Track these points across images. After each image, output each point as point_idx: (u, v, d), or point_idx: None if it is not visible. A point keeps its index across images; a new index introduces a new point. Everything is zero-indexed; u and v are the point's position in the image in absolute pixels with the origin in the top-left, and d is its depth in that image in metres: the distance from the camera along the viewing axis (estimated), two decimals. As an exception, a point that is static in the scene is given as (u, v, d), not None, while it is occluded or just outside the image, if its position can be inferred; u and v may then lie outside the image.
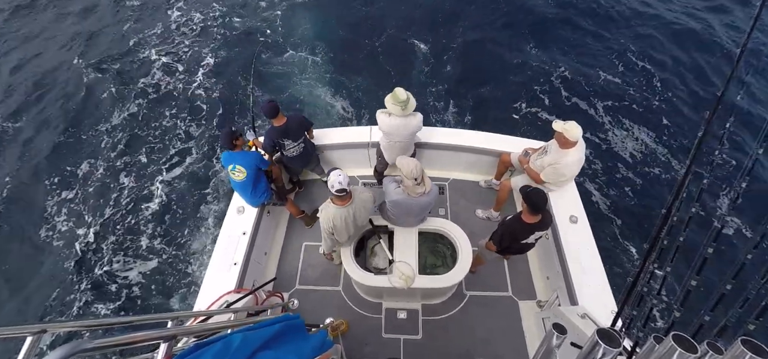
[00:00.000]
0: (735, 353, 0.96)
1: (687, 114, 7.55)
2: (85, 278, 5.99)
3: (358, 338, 3.79)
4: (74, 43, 10.11)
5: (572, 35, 9.29)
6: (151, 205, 6.79)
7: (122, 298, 5.78)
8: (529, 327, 3.81)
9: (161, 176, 7.17)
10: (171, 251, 6.23)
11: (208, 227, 6.44)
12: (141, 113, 8.23)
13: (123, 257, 6.20)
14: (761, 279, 1.52)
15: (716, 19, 9.67)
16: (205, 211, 6.66)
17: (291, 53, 9.24)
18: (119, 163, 7.39)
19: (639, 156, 7.00)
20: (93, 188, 7.06)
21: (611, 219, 6.19)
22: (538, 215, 3.11)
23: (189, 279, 5.90)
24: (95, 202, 6.86)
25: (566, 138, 3.55)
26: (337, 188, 3.01)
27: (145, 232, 6.47)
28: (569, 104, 7.86)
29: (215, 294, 3.43)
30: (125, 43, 9.85)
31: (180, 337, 1.85)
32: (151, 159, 7.43)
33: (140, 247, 6.31)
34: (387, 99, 3.82)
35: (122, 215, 6.68)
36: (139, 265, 6.11)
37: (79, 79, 9.03)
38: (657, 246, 1.81)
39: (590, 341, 1.09)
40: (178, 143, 7.66)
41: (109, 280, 5.96)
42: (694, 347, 0.99)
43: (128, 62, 9.38)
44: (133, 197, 6.90)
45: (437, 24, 9.66)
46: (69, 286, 5.92)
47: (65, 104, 8.59)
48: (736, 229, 5.19)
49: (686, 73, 8.36)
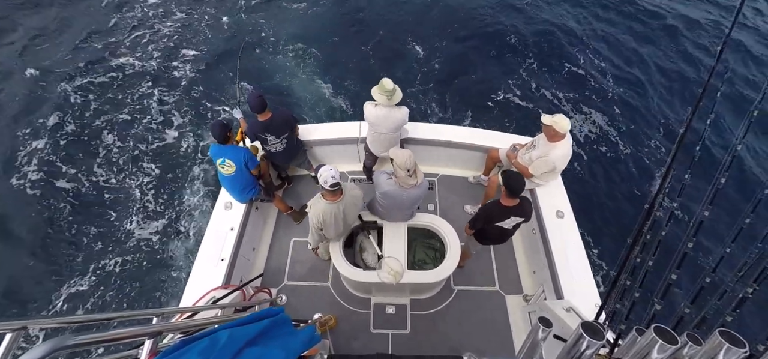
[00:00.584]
0: (713, 344, 0.99)
1: (669, 111, 7.72)
2: (68, 273, 5.86)
3: (347, 333, 3.80)
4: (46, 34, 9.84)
5: (559, 34, 9.39)
6: (136, 200, 6.66)
7: (106, 294, 5.68)
8: (516, 321, 3.86)
9: (145, 168, 7.04)
10: (156, 247, 6.13)
11: (195, 223, 6.36)
12: (123, 103, 8.06)
13: (107, 252, 6.08)
14: (738, 272, 1.56)
15: (701, 14, 9.90)
16: (192, 206, 6.57)
17: (279, 46, 9.16)
18: (100, 154, 7.23)
19: (623, 152, 7.13)
20: (76, 181, 6.89)
21: (596, 214, 6.30)
22: (516, 199, 3.20)
23: (175, 275, 5.82)
24: (78, 195, 6.70)
25: (555, 131, 3.59)
26: (330, 183, 2.98)
27: (131, 227, 6.35)
28: (555, 100, 7.97)
29: (202, 290, 3.40)
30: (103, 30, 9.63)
31: (165, 333, 1.83)
32: (133, 152, 7.28)
33: (126, 242, 6.19)
34: (374, 89, 3.81)
35: (106, 209, 6.54)
36: (124, 261, 5.99)
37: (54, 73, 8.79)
38: (640, 241, 1.85)
39: (575, 334, 1.11)
40: (163, 134, 7.52)
41: (92, 276, 5.84)
42: (674, 338, 1.02)
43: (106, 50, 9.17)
44: (117, 191, 6.76)
45: (427, 23, 9.67)
46: (51, 281, 5.79)
47: (41, 95, 8.35)
48: (715, 223, 5.34)
49: (672, 67, 8.54)
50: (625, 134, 7.37)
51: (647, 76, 8.40)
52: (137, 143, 7.43)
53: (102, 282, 5.80)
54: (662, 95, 8.07)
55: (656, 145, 7.20)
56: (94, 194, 6.76)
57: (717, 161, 1.73)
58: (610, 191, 6.60)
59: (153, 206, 6.58)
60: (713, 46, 9.01)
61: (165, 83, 8.49)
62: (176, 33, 9.67)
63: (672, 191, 1.88)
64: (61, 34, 9.71)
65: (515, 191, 3.14)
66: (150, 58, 9.04)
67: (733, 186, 6.30)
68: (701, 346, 1.03)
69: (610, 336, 1.52)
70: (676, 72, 8.49)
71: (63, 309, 5.53)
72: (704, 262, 1.67)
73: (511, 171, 3.24)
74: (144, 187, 6.83)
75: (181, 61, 8.95)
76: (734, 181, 6.29)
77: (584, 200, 6.43)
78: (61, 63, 8.88)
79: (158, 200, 6.66)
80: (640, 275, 1.81)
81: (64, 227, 6.36)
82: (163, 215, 6.48)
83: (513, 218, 3.31)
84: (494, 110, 7.76)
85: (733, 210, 5.53)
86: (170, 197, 6.70)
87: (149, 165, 7.11)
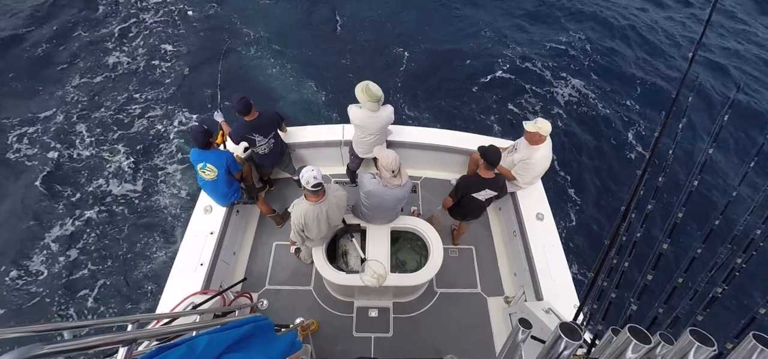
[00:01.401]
0: (683, 343, 1.02)
1: (647, 111, 7.96)
2: (37, 279, 5.64)
3: (329, 337, 3.77)
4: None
5: (540, 34, 9.59)
6: (111, 201, 6.47)
7: (78, 301, 5.48)
8: (497, 323, 3.90)
9: (121, 170, 6.85)
10: (132, 251, 5.96)
11: (174, 227, 6.21)
12: (101, 100, 7.83)
13: (80, 256, 5.87)
14: (709, 272, 1.62)
15: (679, 13, 10.28)
16: (170, 210, 6.41)
17: (260, 49, 9.06)
18: (72, 155, 7.01)
19: (600, 156, 7.31)
20: (47, 183, 6.65)
21: (574, 215, 6.44)
22: (493, 171, 3.50)
23: (152, 280, 5.66)
24: (48, 199, 6.47)
25: (540, 135, 3.65)
26: (312, 183, 2.94)
27: (105, 230, 6.17)
28: (533, 101, 8.13)
29: (180, 296, 3.32)
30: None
31: (141, 341, 1.78)
32: (108, 153, 7.09)
33: (99, 246, 6.00)
34: (358, 92, 3.73)
35: (80, 212, 6.33)
36: (97, 265, 5.81)
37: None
38: (616, 242, 1.89)
39: (553, 335, 1.13)
40: (139, 136, 7.34)
41: (64, 282, 5.64)
42: (648, 338, 1.04)
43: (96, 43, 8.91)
44: (93, 192, 6.55)
45: (406, 25, 9.73)
46: (19, 288, 5.56)
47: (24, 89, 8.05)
48: (688, 225, 5.53)
49: (646, 67, 8.82)
50: (601, 136, 7.56)
51: (624, 78, 8.66)
52: (112, 142, 7.23)
53: (74, 287, 5.60)
54: (639, 97, 8.31)
55: (632, 148, 7.41)
56: (64, 193, 6.54)
57: (690, 163, 1.79)
58: (588, 192, 6.75)
59: (126, 210, 6.40)
60: (686, 47, 9.36)
61: (144, 85, 8.29)
62: (155, 34, 9.47)
63: (646, 194, 1.93)
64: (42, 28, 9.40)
65: (493, 163, 3.42)
66: (133, 58, 8.82)
67: (705, 189, 6.55)
68: (673, 345, 1.06)
69: (588, 337, 1.55)
70: (651, 74, 8.77)
71: (32, 317, 5.31)
72: (678, 263, 1.73)
73: (487, 145, 3.51)
74: (117, 190, 6.64)
75: (161, 63, 8.77)
76: (706, 184, 6.53)
77: (564, 203, 6.57)
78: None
79: (133, 204, 6.48)
80: (617, 276, 1.86)
81: (39, 229, 6.13)
82: (138, 218, 6.31)
83: (487, 190, 3.56)
84: (476, 113, 7.85)
85: (704, 212, 5.77)
86: (147, 200, 6.53)
87: (125, 164, 6.92)
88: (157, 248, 6.00)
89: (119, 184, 6.71)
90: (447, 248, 4.13)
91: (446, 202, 3.81)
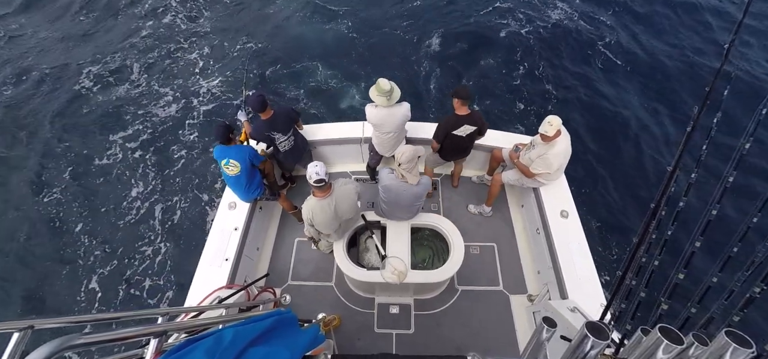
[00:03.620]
0: (719, 344, 0.97)
1: (677, 106, 7.64)
2: (73, 274, 5.92)
3: (351, 333, 3.80)
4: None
5: (562, 32, 9.34)
6: (142, 201, 6.71)
7: (112, 294, 5.72)
8: (520, 321, 3.85)
9: (150, 171, 7.09)
10: (162, 247, 6.17)
11: (200, 223, 6.39)
12: (125, 107, 8.12)
13: (112, 253, 6.12)
14: (746, 272, 1.54)
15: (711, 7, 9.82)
16: (197, 206, 6.60)
17: (290, 53, 9.19)
18: (104, 155, 7.30)
19: (629, 149, 7.07)
20: (81, 183, 6.96)
21: (601, 213, 6.26)
22: (466, 107, 3.81)
23: (180, 275, 5.85)
24: (83, 197, 6.76)
25: (557, 134, 3.61)
26: (315, 179, 3.10)
27: (136, 227, 6.40)
28: (558, 97, 7.92)
29: (206, 290, 3.41)
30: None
31: (170, 333, 1.84)
32: (138, 154, 7.34)
33: (131, 243, 6.23)
34: (371, 91, 3.83)
35: (112, 210, 6.60)
36: (130, 261, 6.04)
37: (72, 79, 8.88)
38: (646, 240, 1.83)
39: (579, 334, 1.10)
40: (168, 136, 7.57)
41: (98, 276, 5.89)
42: (680, 339, 1.01)
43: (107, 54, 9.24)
44: (123, 193, 6.81)
45: (431, 21, 9.65)
46: (57, 282, 5.84)
47: (55, 99, 8.44)
48: (723, 222, 5.24)
49: (676, 64, 8.45)
50: (631, 130, 7.31)
51: (655, 71, 8.32)
52: (141, 146, 7.48)
53: (108, 282, 5.85)
54: (671, 90, 7.98)
55: (664, 142, 7.13)
56: (99, 195, 6.82)
57: (725, 158, 1.71)
58: (615, 190, 6.55)
59: (157, 209, 6.62)
60: (723, 38, 8.91)
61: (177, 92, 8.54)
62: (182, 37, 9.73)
63: (678, 190, 1.86)
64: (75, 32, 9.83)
65: (463, 97, 3.75)
66: (151, 68, 9.10)
67: (741, 184, 6.24)
68: (707, 346, 1.01)
69: (616, 336, 1.51)
70: (684, 66, 8.40)
71: (70, 308, 5.58)
72: (712, 262, 1.66)
73: (458, 86, 3.78)
74: (146, 188, 6.88)
75: (192, 66, 9.01)
76: (742, 179, 6.23)
77: (589, 200, 6.39)
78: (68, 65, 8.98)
79: (161, 202, 6.70)
80: (646, 274, 1.80)
81: (71, 226, 6.42)
82: (167, 216, 6.52)
83: (466, 126, 3.84)
84: (498, 110, 7.73)
85: (741, 209, 5.49)
86: (173, 198, 6.73)
87: (152, 165, 7.16)
88: (184, 243, 6.18)
89: (144, 183, 6.94)
90: (468, 246, 4.10)
91: (433, 145, 4.15)
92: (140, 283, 5.83)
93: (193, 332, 1.93)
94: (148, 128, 7.72)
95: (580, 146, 6.91)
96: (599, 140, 7.20)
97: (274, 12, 10.21)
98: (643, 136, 7.26)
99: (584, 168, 6.76)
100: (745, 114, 7.04)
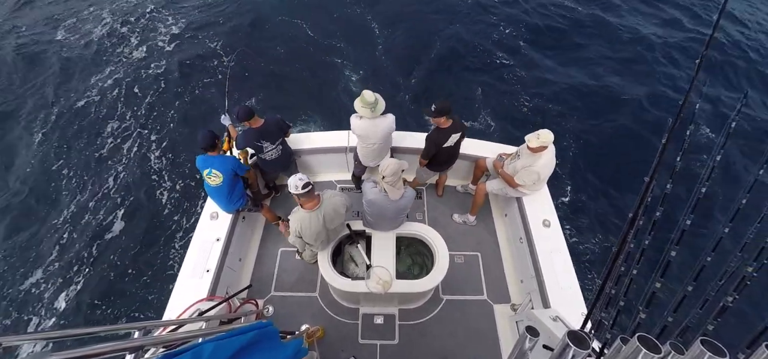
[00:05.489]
0: (694, 353, 1.00)
1: (653, 116, 7.88)
2: (45, 286, 5.69)
3: (335, 344, 3.75)
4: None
5: (547, 41, 9.57)
6: (117, 210, 6.53)
7: (85, 309, 5.52)
8: (504, 330, 3.86)
9: (126, 177, 6.92)
10: (140, 258, 6.00)
11: (180, 234, 6.25)
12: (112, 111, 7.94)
13: (85, 265, 5.92)
14: (719, 281, 1.59)
15: (685, 17, 10.21)
16: (177, 216, 6.46)
17: (271, 52, 9.15)
18: (75, 162, 7.10)
19: (607, 160, 7.24)
20: (56, 189, 6.74)
21: (581, 222, 6.37)
22: (449, 119, 3.80)
23: (158, 287, 5.69)
24: (54, 205, 6.55)
25: (544, 147, 3.67)
26: (301, 186, 3.01)
27: (111, 237, 6.22)
28: (540, 109, 8.07)
29: (186, 302, 3.32)
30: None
31: (147, 348, 1.78)
32: (113, 161, 7.17)
33: (106, 253, 6.05)
34: (356, 102, 3.84)
35: (84, 221, 6.40)
36: (102, 273, 5.85)
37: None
38: (624, 249, 1.87)
39: (561, 343, 1.12)
40: (147, 142, 7.42)
41: (71, 289, 5.68)
42: (657, 347, 1.03)
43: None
44: (98, 201, 6.62)
45: (416, 32, 9.76)
46: (27, 296, 5.61)
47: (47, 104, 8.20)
48: (697, 233, 5.40)
49: (655, 71, 8.75)
50: (608, 143, 7.50)
51: (629, 83, 8.58)
52: (113, 147, 7.31)
53: (81, 295, 5.64)
54: (647, 100, 8.23)
55: (640, 153, 7.33)
56: (70, 202, 6.62)
57: (698, 170, 1.77)
58: (595, 199, 6.69)
59: (132, 216, 6.46)
60: (693, 52, 9.28)
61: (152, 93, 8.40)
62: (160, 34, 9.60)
63: (654, 200, 1.91)
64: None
65: (446, 112, 3.73)
66: (131, 63, 8.95)
67: (715, 195, 6.45)
68: (683, 355, 1.04)
69: (596, 345, 1.53)
70: (658, 79, 8.70)
71: (40, 324, 5.35)
72: (687, 272, 1.71)
73: (438, 101, 3.79)
74: (120, 196, 6.71)
75: (165, 67, 8.89)
76: (716, 190, 6.44)
77: (570, 208, 6.51)
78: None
79: (137, 212, 6.54)
80: (625, 284, 1.83)
81: (42, 235, 6.20)
82: (143, 225, 6.36)
83: (453, 136, 3.87)
84: (482, 120, 7.83)
85: (714, 220, 5.67)
86: (150, 208, 6.58)
87: (127, 171, 6.99)
88: (163, 254, 6.03)
89: (123, 191, 6.77)
90: (453, 255, 4.11)
91: (421, 162, 4.14)
92: (115, 297, 5.64)
93: (172, 346, 1.88)
94: (120, 136, 7.55)
95: (563, 155, 7.05)
96: (580, 150, 7.36)
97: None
98: (623, 146, 7.45)
99: (566, 178, 6.89)
100: (719, 126, 7.35)
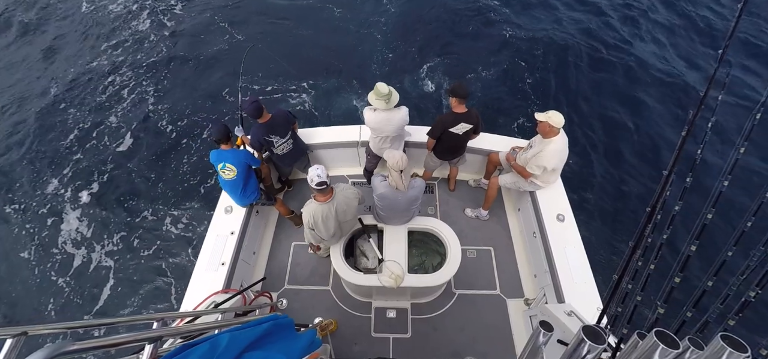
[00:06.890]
0: (715, 348, 0.97)
1: (673, 110, 7.68)
2: (67, 279, 5.87)
3: (347, 337, 3.78)
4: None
5: (559, 34, 9.39)
6: (137, 204, 6.68)
7: (106, 300, 5.67)
8: (517, 325, 3.84)
9: (145, 176, 7.06)
10: (157, 252, 6.13)
11: (196, 228, 6.36)
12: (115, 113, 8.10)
13: (107, 258, 6.08)
14: (741, 276, 1.55)
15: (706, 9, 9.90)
16: (192, 211, 6.57)
17: (281, 53, 9.19)
18: (93, 161, 7.27)
19: (624, 153, 7.09)
20: (75, 187, 6.92)
21: (597, 216, 6.27)
22: (464, 105, 3.78)
23: (175, 280, 5.81)
24: (78, 202, 6.72)
25: (550, 126, 3.59)
26: (317, 182, 3.03)
27: (130, 232, 6.37)
28: (555, 101, 7.95)
29: (202, 295, 3.39)
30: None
31: (166, 338, 1.82)
32: (125, 158, 7.32)
33: (125, 248, 6.20)
34: (370, 95, 3.83)
35: (106, 214, 6.56)
36: (124, 266, 6.00)
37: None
38: (641, 244, 1.83)
39: (576, 338, 1.10)
40: (165, 146, 7.55)
41: (93, 282, 5.85)
42: (675, 343, 1.01)
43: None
44: (117, 197, 6.78)
45: (427, 27, 9.68)
46: (51, 288, 5.79)
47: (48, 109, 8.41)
48: (718, 226, 5.27)
49: (673, 66, 8.50)
50: (626, 135, 7.34)
51: (650, 76, 8.36)
52: (132, 150, 7.46)
53: (102, 286, 5.80)
54: (665, 95, 8.03)
55: (659, 147, 7.17)
56: (91, 202, 6.78)
57: (720, 163, 1.72)
58: (611, 194, 6.57)
59: (150, 213, 6.59)
60: (716, 44, 8.98)
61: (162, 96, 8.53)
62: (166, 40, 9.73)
63: (674, 194, 1.87)
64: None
65: (461, 96, 3.71)
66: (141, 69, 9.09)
67: (737, 188, 6.27)
68: (703, 351, 1.01)
69: (612, 341, 1.51)
70: (679, 71, 8.46)
71: (63, 314, 5.52)
72: (708, 266, 1.66)
73: (455, 84, 3.77)
74: (141, 196, 6.84)
75: (176, 73, 9.01)
76: (738, 183, 6.25)
77: (585, 203, 6.41)
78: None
79: (156, 207, 6.66)
80: (642, 278, 1.80)
81: (64, 231, 6.37)
82: (162, 221, 6.49)
83: (463, 124, 3.82)
84: (495, 114, 7.75)
85: (737, 213, 5.51)
86: (169, 204, 6.70)
87: (149, 171, 7.13)
88: (180, 247, 6.15)
89: (142, 185, 6.91)
90: (465, 250, 4.09)
91: (429, 143, 4.09)
92: (135, 289, 5.78)
93: (189, 337, 1.92)
94: (138, 139, 7.69)
95: (576, 147, 6.93)
96: (599, 143, 7.22)
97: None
98: (642, 138, 7.28)
99: (581, 170, 6.78)
100: (742, 118, 7.12)
